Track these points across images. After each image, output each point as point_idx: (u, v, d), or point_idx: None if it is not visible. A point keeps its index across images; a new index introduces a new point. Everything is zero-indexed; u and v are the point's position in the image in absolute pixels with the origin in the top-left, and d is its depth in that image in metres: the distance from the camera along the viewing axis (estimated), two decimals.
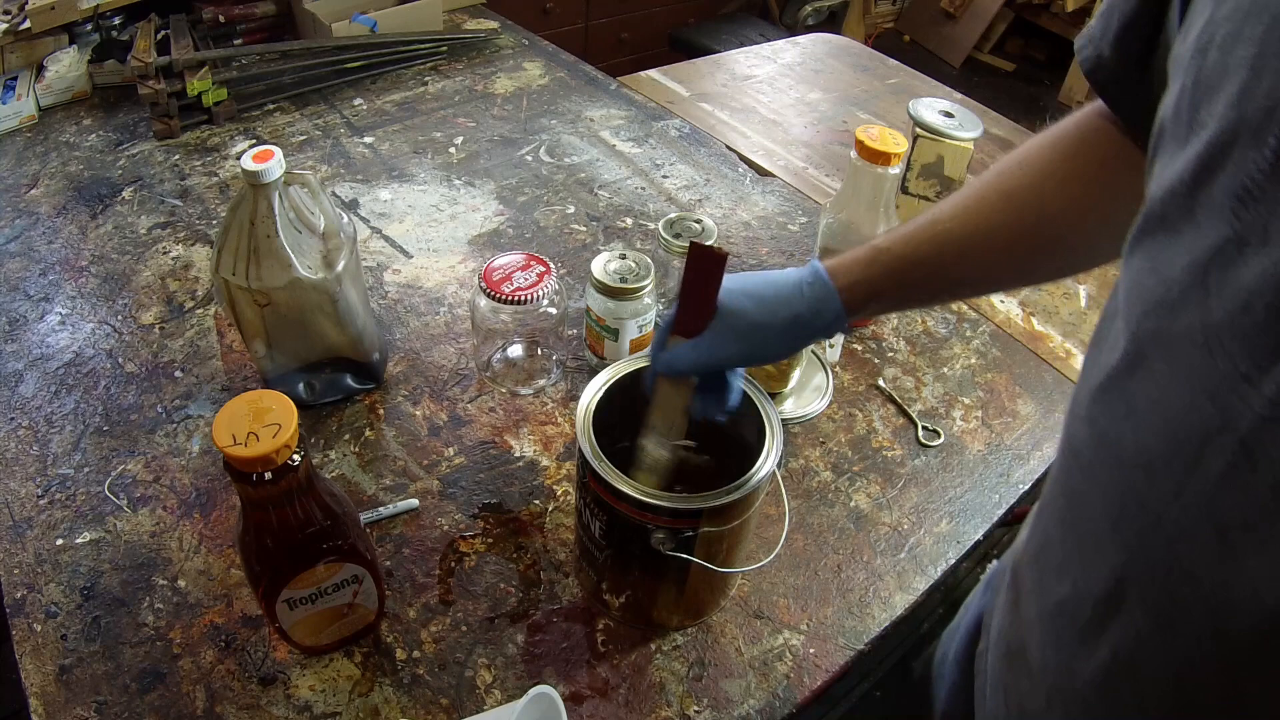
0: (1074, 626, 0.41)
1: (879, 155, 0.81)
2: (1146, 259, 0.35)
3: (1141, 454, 0.34)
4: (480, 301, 0.80)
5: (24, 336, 0.91)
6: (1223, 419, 0.30)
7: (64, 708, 0.61)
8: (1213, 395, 0.30)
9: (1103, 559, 0.38)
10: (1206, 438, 0.31)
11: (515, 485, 0.78)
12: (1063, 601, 0.42)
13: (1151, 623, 0.36)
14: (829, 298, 0.56)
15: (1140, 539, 0.35)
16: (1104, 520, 0.37)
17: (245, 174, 0.66)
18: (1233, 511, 0.30)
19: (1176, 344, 0.32)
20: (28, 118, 1.25)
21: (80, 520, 0.73)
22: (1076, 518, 0.41)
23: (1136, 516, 0.35)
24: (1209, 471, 0.31)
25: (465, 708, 0.63)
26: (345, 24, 1.39)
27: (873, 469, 0.82)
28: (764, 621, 0.70)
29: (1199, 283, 0.31)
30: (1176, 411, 0.32)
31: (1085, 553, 0.39)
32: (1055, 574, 0.42)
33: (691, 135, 1.32)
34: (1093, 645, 0.39)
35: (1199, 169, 0.31)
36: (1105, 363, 0.37)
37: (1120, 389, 0.36)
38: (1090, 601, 0.39)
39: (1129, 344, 0.35)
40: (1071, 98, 3.37)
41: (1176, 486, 0.32)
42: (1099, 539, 0.38)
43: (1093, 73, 0.49)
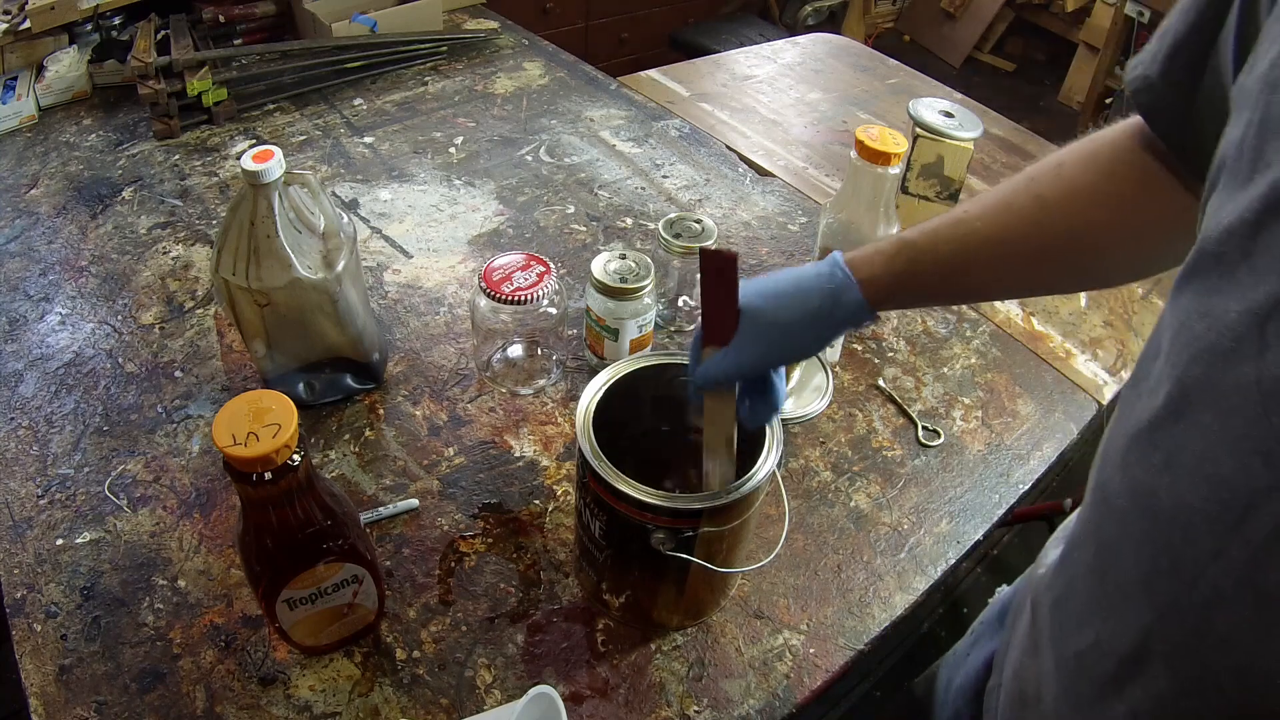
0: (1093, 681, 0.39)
1: (879, 155, 0.81)
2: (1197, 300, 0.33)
3: (1181, 510, 0.33)
4: (480, 301, 0.80)
5: (24, 336, 0.91)
6: (1273, 480, 0.29)
7: (64, 708, 0.61)
8: (1265, 456, 0.29)
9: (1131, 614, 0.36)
10: (1253, 499, 0.29)
11: (515, 485, 0.78)
12: (1083, 653, 0.40)
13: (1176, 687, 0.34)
14: (849, 289, 0.56)
15: (1173, 599, 0.34)
16: (1135, 575, 0.36)
17: (245, 174, 0.66)
18: (1275, 579, 0.29)
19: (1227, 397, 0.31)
20: (28, 118, 1.25)
21: (80, 520, 0.73)
22: (1106, 568, 0.39)
23: (1170, 575, 0.34)
24: (1253, 535, 0.30)
25: (465, 708, 0.63)
26: (345, 24, 1.39)
27: (873, 469, 0.82)
28: (764, 621, 0.70)
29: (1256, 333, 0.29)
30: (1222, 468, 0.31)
31: (1112, 605, 0.38)
32: (1078, 623, 0.41)
33: (691, 135, 1.32)
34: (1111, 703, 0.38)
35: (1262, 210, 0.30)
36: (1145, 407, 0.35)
37: (1161, 438, 0.34)
38: (1113, 657, 0.38)
39: (1173, 390, 0.33)
40: (1071, 98, 3.37)
41: (1216, 547, 0.31)
42: (1128, 593, 0.37)
43: (1137, 93, 0.48)
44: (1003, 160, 1.34)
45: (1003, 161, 1.34)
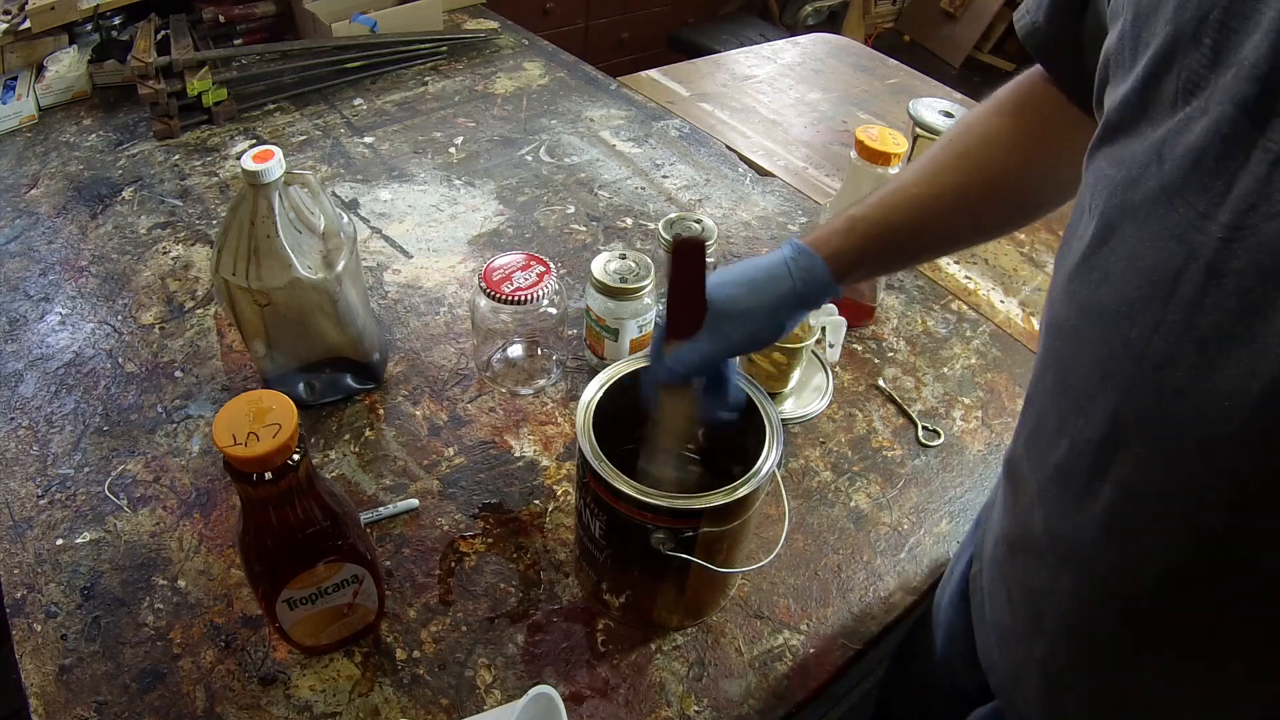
0: (1075, 480, 0.43)
1: (879, 155, 0.81)
2: (1106, 159, 0.40)
3: (1123, 304, 0.39)
4: (480, 301, 0.80)
5: (24, 336, 0.91)
6: (1189, 252, 0.35)
7: (64, 708, 0.61)
8: (1178, 237, 0.35)
9: (1097, 407, 0.41)
10: (1178, 272, 0.36)
11: (515, 485, 0.78)
12: (1061, 463, 0.44)
13: (1151, 449, 0.39)
14: (815, 266, 0.58)
15: (1130, 375, 0.39)
16: (1094, 373, 0.41)
17: (245, 174, 0.66)
18: (1207, 325, 0.35)
19: (1140, 209, 0.38)
20: (28, 118, 1.25)
21: (80, 520, 0.73)
22: (1067, 382, 0.44)
23: (1124, 357, 0.39)
24: (1183, 297, 0.36)
25: (465, 708, 0.63)
26: (345, 24, 1.39)
27: (873, 469, 0.82)
28: (764, 621, 0.70)
29: (1155, 157, 0.37)
30: (1148, 260, 0.37)
31: (1080, 409, 0.42)
32: (1051, 442, 0.45)
33: (691, 135, 1.32)
34: (1096, 490, 0.42)
35: (1147, 78, 0.37)
36: (1078, 247, 0.42)
37: (1095, 261, 0.40)
38: (1090, 451, 0.42)
39: (1097, 224, 0.40)
40: None
41: (1156, 319, 0.37)
42: (1092, 391, 0.41)
43: (1028, 38, 0.54)
44: None
45: None
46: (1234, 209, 0.34)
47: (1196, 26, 0.36)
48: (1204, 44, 0.35)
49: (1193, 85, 0.36)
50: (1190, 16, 0.36)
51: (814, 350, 0.90)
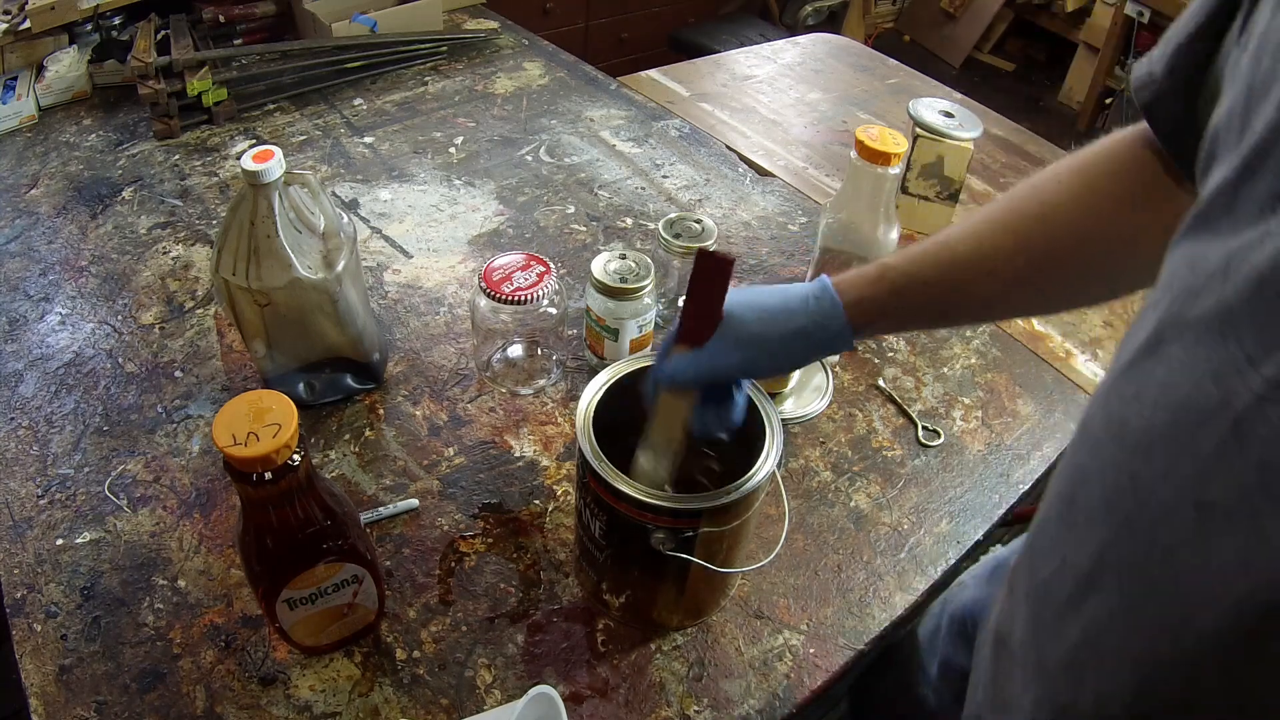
0: (1054, 605, 0.41)
1: (879, 155, 0.81)
2: (1185, 255, 0.35)
3: (1145, 434, 0.35)
4: (480, 301, 0.80)
5: (24, 336, 0.91)
6: (1222, 400, 0.30)
7: (64, 708, 0.61)
8: (1217, 377, 0.31)
9: (1090, 535, 0.38)
10: (1204, 418, 0.31)
11: (515, 485, 0.78)
12: (1048, 580, 0.42)
13: (1124, 603, 0.36)
14: (834, 312, 0.55)
15: (1126, 515, 0.35)
16: (1099, 496, 0.38)
17: (245, 174, 0.66)
18: (1216, 491, 0.31)
19: (1193, 328, 0.32)
20: (28, 118, 1.25)
21: (80, 520, 0.73)
22: (1075, 495, 0.41)
23: (1128, 494, 0.35)
24: (1200, 451, 0.31)
25: (465, 708, 0.63)
26: (345, 24, 1.39)
27: (873, 469, 0.82)
28: (764, 621, 0.70)
29: (1222, 271, 0.31)
30: (1182, 393, 0.33)
31: (1077, 530, 0.40)
32: (1047, 552, 0.43)
33: (691, 135, 1.32)
34: (1069, 622, 0.39)
35: (1243, 169, 0.32)
36: (1129, 347, 0.38)
37: (1136, 373, 0.36)
38: (1073, 577, 0.39)
39: (1152, 331, 0.36)
40: (1071, 98, 3.37)
41: (1168, 466, 0.33)
42: (1092, 516, 0.38)
43: (1140, 90, 0.48)
44: (1003, 160, 1.34)
45: (1003, 161, 1.34)
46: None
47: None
48: None
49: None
50: None
51: None
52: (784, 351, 0.57)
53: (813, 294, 0.56)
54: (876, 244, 0.85)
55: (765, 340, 0.56)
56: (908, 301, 0.56)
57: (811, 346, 0.57)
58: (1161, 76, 0.47)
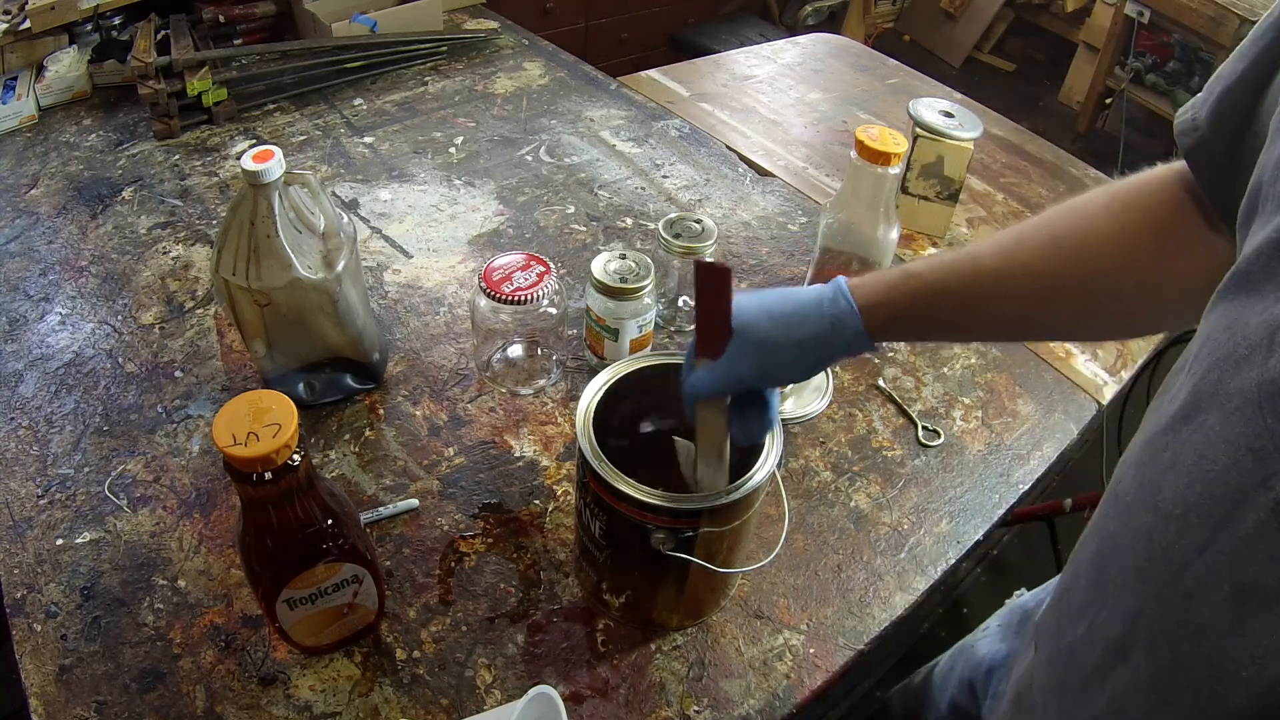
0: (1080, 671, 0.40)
1: (879, 155, 0.81)
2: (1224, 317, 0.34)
3: (1178, 504, 0.34)
4: (480, 301, 0.80)
5: (24, 336, 0.91)
6: (1262, 477, 0.29)
7: (64, 708, 0.61)
8: (1257, 454, 0.30)
9: (1121, 605, 0.37)
10: (1243, 495, 0.30)
11: (515, 485, 0.78)
12: (1075, 644, 0.41)
13: (1153, 675, 0.35)
14: (848, 316, 0.54)
15: (1160, 588, 0.34)
16: (1130, 565, 0.37)
17: (245, 174, 0.66)
18: (1254, 572, 0.30)
19: (1232, 399, 0.32)
20: (28, 118, 1.25)
21: (80, 520, 0.73)
22: (1106, 561, 0.40)
23: (1161, 566, 0.34)
24: (1239, 529, 0.30)
25: (465, 708, 0.63)
26: (345, 24, 1.39)
27: (873, 469, 0.82)
28: (764, 621, 0.70)
29: (1267, 341, 0.30)
30: (1219, 466, 0.32)
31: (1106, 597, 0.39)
32: (1074, 616, 0.42)
33: (691, 135, 1.32)
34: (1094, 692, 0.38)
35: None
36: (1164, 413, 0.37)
37: (1171, 439, 0.35)
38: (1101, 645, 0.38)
39: (1189, 396, 0.35)
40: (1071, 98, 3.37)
41: (1204, 541, 0.32)
42: (1122, 585, 0.37)
43: (1183, 135, 0.47)
44: (1003, 160, 1.34)
45: (1003, 161, 1.34)
46: None
47: None
48: None
49: None
50: None
51: None
52: (800, 357, 0.56)
53: (827, 297, 0.55)
54: (876, 244, 0.85)
55: (780, 347, 0.55)
56: (926, 310, 0.55)
57: (828, 351, 0.56)
58: (1205, 124, 0.45)
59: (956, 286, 0.54)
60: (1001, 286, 0.53)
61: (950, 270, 0.54)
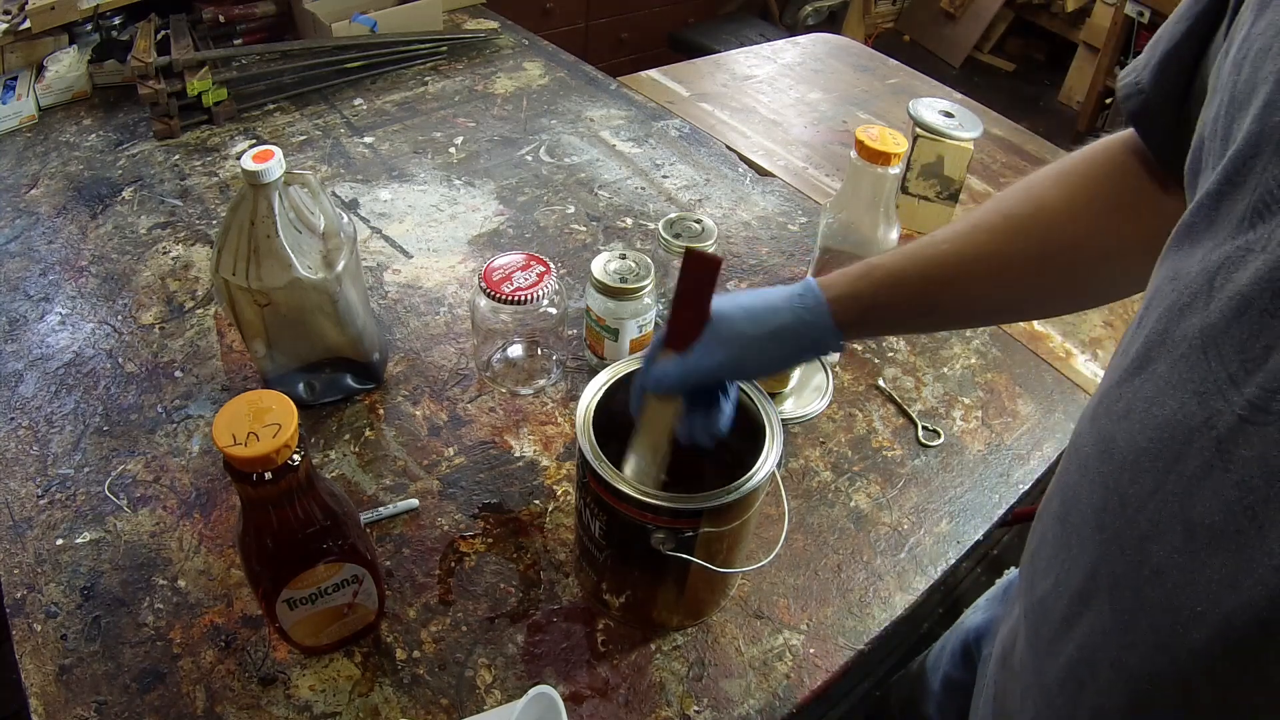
0: (1050, 623, 0.41)
1: (879, 155, 0.81)
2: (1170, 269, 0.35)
3: (1131, 452, 0.35)
4: (480, 301, 0.80)
5: (24, 336, 0.91)
6: (1205, 419, 0.30)
7: (64, 708, 0.61)
8: (1201, 396, 0.31)
9: (1084, 554, 0.38)
10: (1189, 437, 0.31)
11: (515, 485, 0.78)
12: (1045, 597, 0.42)
13: (1117, 620, 0.36)
14: (818, 309, 0.55)
15: (1117, 535, 0.35)
16: (1090, 515, 0.38)
17: (245, 174, 0.66)
18: (1202, 510, 0.31)
19: (1178, 346, 0.33)
20: (28, 118, 1.25)
21: (80, 520, 0.73)
22: (1068, 514, 0.41)
23: (1118, 513, 0.35)
24: (1186, 470, 0.31)
25: (465, 708, 0.63)
26: (345, 24, 1.39)
27: (873, 469, 0.82)
28: (764, 621, 0.70)
29: (1206, 287, 0.31)
30: (1168, 411, 0.33)
31: (1070, 549, 0.40)
32: (1044, 571, 0.43)
33: (691, 135, 1.32)
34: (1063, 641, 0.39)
35: (1223, 181, 0.32)
36: (1118, 367, 0.38)
37: (1124, 390, 0.36)
38: (1067, 596, 0.39)
39: (1139, 348, 0.36)
40: (1071, 98, 3.37)
41: (1156, 484, 0.33)
42: (1083, 535, 0.38)
43: (1128, 99, 0.48)
44: (1003, 160, 1.34)
45: (1003, 161, 1.34)
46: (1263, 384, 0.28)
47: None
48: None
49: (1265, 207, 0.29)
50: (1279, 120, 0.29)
51: None
52: (769, 350, 0.56)
53: (796, 292, 0.57)
54: (876, 244, 0.85)
55: (750, 338, 0.56)
56: (893, 299, 0.56)
57: (797, 345, 0.57)
58: (1149, 86, 0.46)
59: (918, 274, 0.55)
60: (963, 270, 0.55)
61: (910, 258, 0.55)
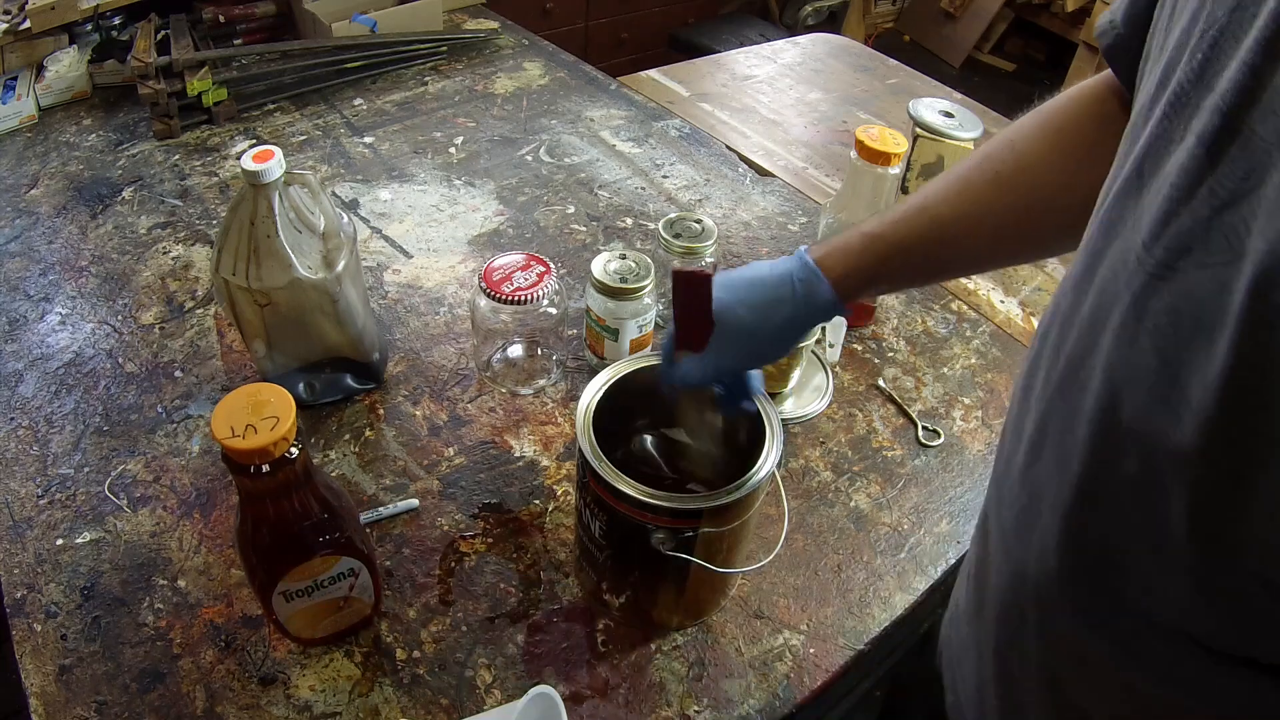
0: (1012, 475, 0.45)
1: (879, 155, 0.81)
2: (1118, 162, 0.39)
3: (1078, 318, 0.39)
4: (480, 301, 0.80)
5: (24, 336, 0.91)
6: (1126, 281, 0.35)
7: (64, 708, 0.61)
8: (1126, 264, 0.35)
9: (1035, 409, 0.43)
10: (1115, 299, 0.36)
11: (515, 485, 0.78)
12: (1009, 455, 0.46)
13: (1056, 461, 0.40)
14: (820, 289, 0.58)
15: (1060, 387, 0.40)
16: (1043, 377, 0.42)
17: (245, 174, 0.66)
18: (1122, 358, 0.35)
19: (1116, 227, 0.37)
20: (28, 118, 1.25)
21: (80, 520, 0.73)
22: (1028, 382, 0.45)
23: (1063, 370, 0.40)
24: (1112, 327, 0.36)
25: (465, 708, 0.63)
26: (345, 24, 1.39)
27: (873, 469, 0.82)
28: (764, 621, 0.70)
29: (1137, 174, 0.36)
30: (1104, 278, 0.37)
31: (1028, 408, 0.44)
32: (1010, 436, 0.47)
33: (691, 135, 1.32)
34: (1019, 490, 0.44)
35: (1156, 87, 0.36)
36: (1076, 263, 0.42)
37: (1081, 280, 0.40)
38: (1024, 450, 0.43)
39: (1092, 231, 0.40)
40: None
41: (1092, 341, 0.37)
42: (1037, 394, 0.43)
43: (1103, 36, 0.50)
44: None
45: None
46: (1169, 246, 0.32)
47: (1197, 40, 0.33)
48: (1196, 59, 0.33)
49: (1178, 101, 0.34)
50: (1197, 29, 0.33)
51: (814, 350, 0.90)
52: (780, 337, 0.60)
53: (796, 275, 0.58)
54: None
55: (760, 334, 0.59)
56: (895, 268, 0.58)
57: (805, 326, 0.60)
58: (1122, 23, 0.48)
59: (916, 242, 0.57)
60: (959, 229, 0.57)
61: (909, 225, 0.57)
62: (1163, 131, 0.34)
